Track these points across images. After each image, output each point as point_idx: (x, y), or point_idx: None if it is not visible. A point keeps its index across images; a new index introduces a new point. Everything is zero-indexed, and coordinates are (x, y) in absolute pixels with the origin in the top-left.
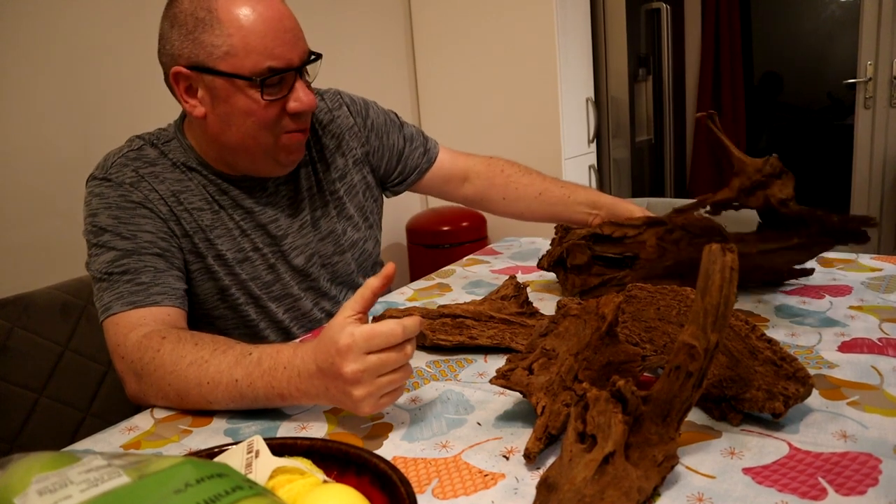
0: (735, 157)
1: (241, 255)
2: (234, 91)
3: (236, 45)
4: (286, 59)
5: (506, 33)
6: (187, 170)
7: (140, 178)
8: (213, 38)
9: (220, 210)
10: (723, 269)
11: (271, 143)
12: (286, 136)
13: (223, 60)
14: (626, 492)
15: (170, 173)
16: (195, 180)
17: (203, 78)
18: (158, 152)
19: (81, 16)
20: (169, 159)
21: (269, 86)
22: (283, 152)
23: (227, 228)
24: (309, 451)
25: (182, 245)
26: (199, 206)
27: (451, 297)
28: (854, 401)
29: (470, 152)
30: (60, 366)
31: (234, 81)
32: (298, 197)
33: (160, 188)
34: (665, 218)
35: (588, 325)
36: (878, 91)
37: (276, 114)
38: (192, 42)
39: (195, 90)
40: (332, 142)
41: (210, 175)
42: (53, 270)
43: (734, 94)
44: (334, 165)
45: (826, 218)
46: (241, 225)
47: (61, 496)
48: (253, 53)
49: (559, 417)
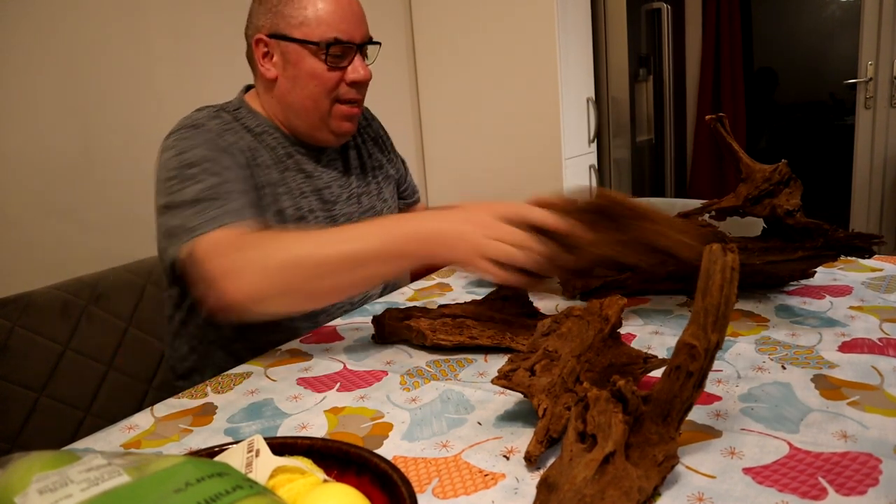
0: (743, 162)
1: (298, 214)
2: (304, 56)
3: (310, 16)
4: (349, 34)
5: (506, 33)
6: (257, 134)
7: (224, 131)
8: (292, 10)
9: (286, 170)
10: (723, 268)
11: (327, 108)
12: (340, 107)
13: (297, 29)
14: (627, 491)
15: (244, 133)
16: (265, 142)
17: (279, 44)
18: (231, 117)
19: (81, 16)
20: (241, 124)
21: (333, 55)
22: (335, 120)
23: (290, 188)
24: (309, 450)
25: (256, 195)
26: (268, 163)
27: (452, 296)
28: (854, 401)
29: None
30: (61, 365)
31: (306, 46)
32: (347, 172)
33: (239, 143)
34: None
35: (591, 327)
36: (879, 91)
37: (335, 80)
38: (274, 14)
39: (271, 56)
40: (371, 139)
41: (279, 137)
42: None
43: (734, 94)
44: (374, 156)
45: (833, 233)
46: (301, 186)
47: (62, 495)
48: (323, 25)
49: (560, 420)
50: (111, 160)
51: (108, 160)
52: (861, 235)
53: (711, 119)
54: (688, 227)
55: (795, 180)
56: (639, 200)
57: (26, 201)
